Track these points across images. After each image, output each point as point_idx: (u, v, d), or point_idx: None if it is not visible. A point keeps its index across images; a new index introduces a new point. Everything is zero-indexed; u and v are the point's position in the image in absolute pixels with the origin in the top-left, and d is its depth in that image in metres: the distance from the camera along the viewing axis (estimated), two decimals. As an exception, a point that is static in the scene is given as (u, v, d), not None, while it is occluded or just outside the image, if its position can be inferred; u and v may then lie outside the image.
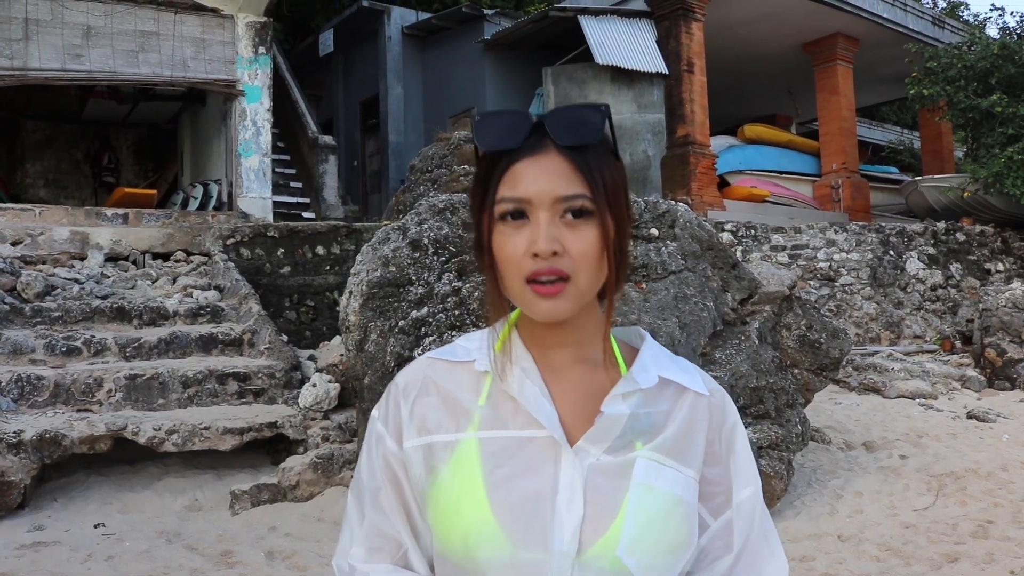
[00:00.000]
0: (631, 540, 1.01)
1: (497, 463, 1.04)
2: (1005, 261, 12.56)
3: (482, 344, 1.14)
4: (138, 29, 10.27)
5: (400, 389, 1.14)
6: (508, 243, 1.03)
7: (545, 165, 1.03)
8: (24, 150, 14.58)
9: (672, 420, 1.09)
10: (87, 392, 5.81)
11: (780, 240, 11.49)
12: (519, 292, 1.04)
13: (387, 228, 5.43)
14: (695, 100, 12.58)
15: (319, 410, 5.90)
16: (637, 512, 1.02)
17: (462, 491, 1.04)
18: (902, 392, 8.18)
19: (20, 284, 7.24)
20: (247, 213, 10.56)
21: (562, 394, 1.09)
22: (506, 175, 1.04)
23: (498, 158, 1.05)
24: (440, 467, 1.07)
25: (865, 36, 14.47)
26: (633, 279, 4.90)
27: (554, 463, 1.04)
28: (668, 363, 1.14)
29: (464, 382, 1.12)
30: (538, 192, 1.02)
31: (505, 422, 1.07)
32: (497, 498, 1.02)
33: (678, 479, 1.06)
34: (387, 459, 1.12)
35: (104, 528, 4.73)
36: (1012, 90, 12.41)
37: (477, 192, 1.08)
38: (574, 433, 1.06)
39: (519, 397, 1.07)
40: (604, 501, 1.02)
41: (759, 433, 4.85)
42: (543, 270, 1.01)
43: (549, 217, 1.01)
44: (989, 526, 4.67)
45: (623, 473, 1.04)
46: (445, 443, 1.08)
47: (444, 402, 1.11)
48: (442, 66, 14.85)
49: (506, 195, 1.03)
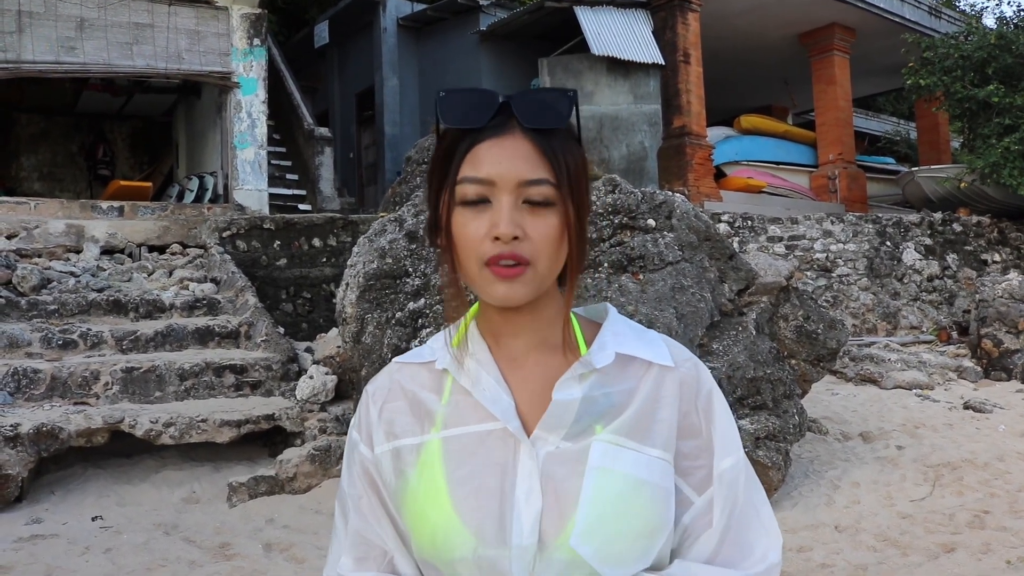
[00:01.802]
0: (586, 528, 0.98)
1: (459, 461, 1.03)
2: (1002, 252, 12.57)
3: (444, 342, 1.12)
4: (132, 21, 10.22)
5: (370, 396, 1.14)
6: (469, 225, 1.00)
7: (509, 147, 1.00)
8: (19, 143, 14.54)
9: (633, 398, 1.05)
10: (84, 385, 5.80)
11: (777, 231, 11.49)
12: (476, 274, 1.01)
13: (383, 220, 5.42)
14: (691, 91, 12.57)
15: (316, 402, 5.89)
16: (593, 499, 0.99)
17: (427, 492, 1.03)
18: (899, 383, 8.19)
19: (16, 277, 7.22)
20: (243, 205, 10.53)
21: (521, 383, 1.06)
22: (469, 155, 1.01)
23: (460, 137, 1.02)
24: (408, 471, 1.06)
25: (862, 26, 14.45)
26: (630, 270, 4.89)
27: (513, 455, 1.02)
28: (631, 338, 1.09)
29: (426, 383, 1.10)
30: (501, 174, 0.99)
31: (465, 418, 1.05)
32: (459, 496, 1.01)
33: (639, 460, 1.02)
34: (364, 466, 1.11)
35: (102, 521, 4.73)
36: (1009, 80, 12.40)
37: (436, 170, 1.05)
38: (534, 423, 1.03)
39: (474, 390, 1.05)
40: (563, 491, 1.00)
41: (756, 424, 4.86)
42: (504, 254, 0.98)
43: (511, 201, 0.99)
44: (985, 516, 4.68)
45: (580, 459, 1.01)
46: (411, 446, 1.07)
47: (411, 405, 1.10)
48: (438, 57, 14.80)
49: (468, 175, 1.00)
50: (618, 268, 4.90)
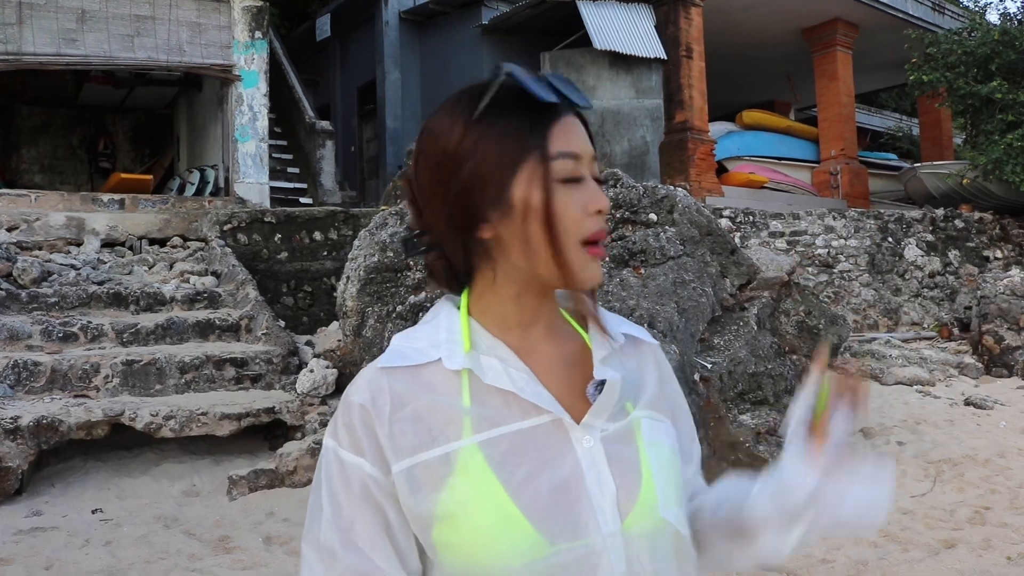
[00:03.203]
0: (664, 497, 1.00)
1: (513, 464, 0.96)
2: (1004, 248, 12.55)
3: (437, 341, 1.03)
4: (133, 13, 10.20)
5: (369, 408, 0.98)
6: (570, 202, 0.98)
7: (577, 125, 1.02)
8: (20, 136, 14.53)
9: (645, 375, 1.10)
10: (84, 378, 5.80)
11: (779, 226, 11.47)
12: (572, 255, 0.98)
13: (384, 213, 5.41)
14: (694, 86, 12.54)
15: (316, 395, 5.89)
16: (659, 470, 1.02)
17: (481, 503, 0.94)
18: (900, 379, 8.18)
19: (16, 270, 7.22)
20: (244, 199, 10.52)
21: (546, 373, 1.03)
22: (555, 129, 0.99)
23: (533, 113, 0.99)
24: (442, 484, 0.95)
25: (865, 22, 14.40)
26: (632, 264, 4.88)
27: (567, 445, 0.99)
28: (616, 319, 1.13)
29: (436, 386, 1.00)
30: (584, 149, 1.00)
31: (502, 418, 0.98)
32: (524, 499, 0.94)
33: (669, 431, 1.08)
34: (367, 489, 0.97)
35: (102, 514, 4.73)
36: (1012, 76, 12.37)
37: (507, 145, 0.98)
38: (571, 410, 1.01)
39: (512, 388, 0.99)
40: (626, 468, 1.00)
41: (757, 419, 4.85)
42: (604, 230, 0.99)
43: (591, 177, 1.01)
44: (986, 512, 4.67)
45: (630, 437, 1.02)
46: (439, 457, 0.96)
47: (422, 413, 0.98)
48: (440, 51, 14.77)
49: (563, 149, 0.98)
50: (620, 262, 4.88)
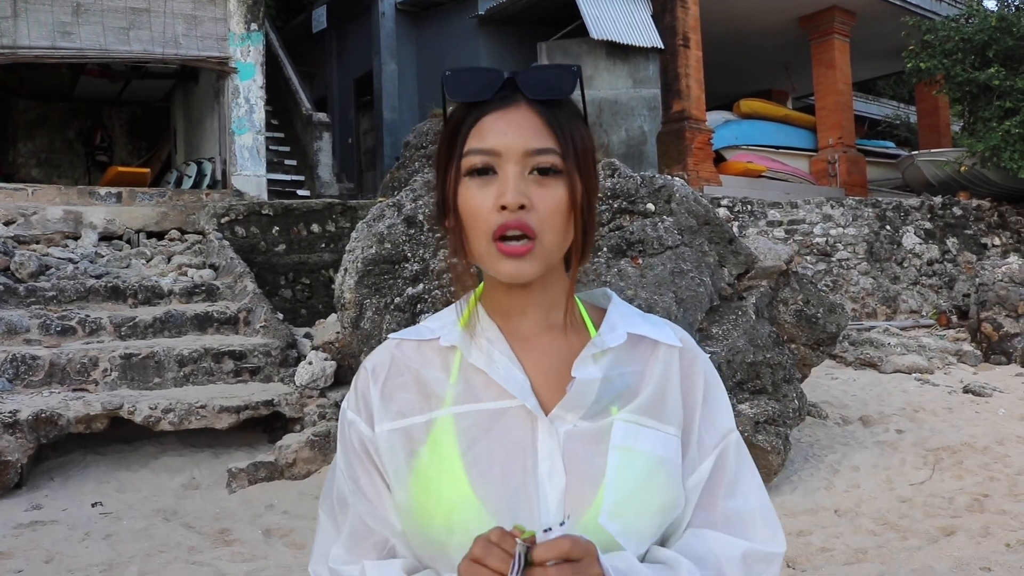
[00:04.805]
0: (613, 506, 0.98)
1: (472, 438, 1.01)
2: (1002, 235, 12.55)
3: (447, 321, 1.10)
4: (128, 6, 10.16)
5: (369, 373, 1.09)
6: (474, 198, 1.00)
7: (514, 118, 1.00)
8: (16, 129, 14.50)
9: (648, 378, 1.07)
10: (82, 371, 5.79)
11: (776, 215, 11.46)
12: (484, 251, 1.00)
13: (382, 205, 5.40)
14: (691, 75, 12.51)
15: (315, 388, 5.89)
16: (619, 477, 0.99)
17: (440, 470, 1.00)
18: (898, 367, 8.19)
19: (14, 264, 7.21)
20: (241, 191, 10.50)
21: (533, 363, 1.06)
22: (474, 128, 1.01)
23: (466, 113, 1.03)
24: (419, 448, 1.03)
25: (862, 9, 14.36)
26: (629, 254, 4.88)
27: (531, 433, 1.01)
28: (638, 320, 1.11)
29: (432, 360, 1.08)
30: (506, 145, 0.99)
31: (477, 396, 1.04)
32: (476, 474, 0.99)
33: (659, 439, 1.04)
34: (363, 444, 1.07)
35: (102, 507, 4.73)
36: (1010, 63, 12.34)
37: (443, 148, 1.05)
38: (548, 402, 1.03)
39: (487, 369, 1.04)
40: (585, 469, 0.99)
41: (756, 408, 4.85)
42: (510, 223, 0.98)
43: (518, 171, 0.99)
44: (985, 500, 4.68)
45: (601, 438, 1.01)
46: (420, 424, 1.04)
47: (415, 382, 1.07)
48: (436, 42, 14.73)
49: (474, 147, 1.00)
50: (617, 252, 4.88)
